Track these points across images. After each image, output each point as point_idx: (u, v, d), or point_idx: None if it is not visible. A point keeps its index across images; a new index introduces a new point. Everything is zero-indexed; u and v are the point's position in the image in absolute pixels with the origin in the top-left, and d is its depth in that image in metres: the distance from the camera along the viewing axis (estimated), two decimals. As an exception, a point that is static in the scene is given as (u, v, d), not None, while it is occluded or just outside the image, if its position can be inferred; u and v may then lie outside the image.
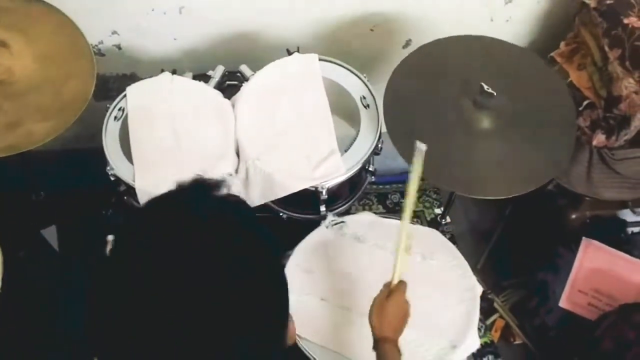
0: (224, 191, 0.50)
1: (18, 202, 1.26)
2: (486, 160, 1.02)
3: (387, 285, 0.88)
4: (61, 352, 1.11)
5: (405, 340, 1.01)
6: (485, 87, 1.02)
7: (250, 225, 0.50)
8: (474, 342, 0.98)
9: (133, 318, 0.43)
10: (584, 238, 1.36)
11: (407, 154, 1.02)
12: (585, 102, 1.24)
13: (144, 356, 0.44)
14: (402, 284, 0.88)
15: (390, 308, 0.85)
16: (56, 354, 1.12)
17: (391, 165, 1.54)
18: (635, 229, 1.48)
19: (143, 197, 1.04)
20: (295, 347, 0.98)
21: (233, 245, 0.46)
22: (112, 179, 1.06)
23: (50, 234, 1.30)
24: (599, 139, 1.23)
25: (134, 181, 1.04)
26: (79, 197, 1.29)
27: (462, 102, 1.06)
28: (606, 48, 1.19)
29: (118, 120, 1.12)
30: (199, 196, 0.49)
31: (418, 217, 1.57)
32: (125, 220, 0.51)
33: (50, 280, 1.22)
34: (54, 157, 1.23)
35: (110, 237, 1.00)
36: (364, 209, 1.51)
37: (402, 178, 1.64)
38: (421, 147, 0.88)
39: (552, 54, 1.31)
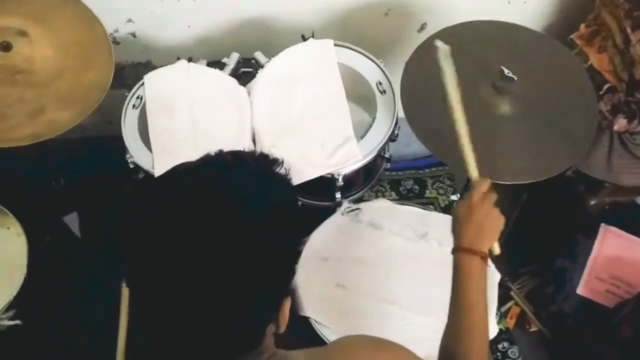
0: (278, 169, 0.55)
1: (38, 190, 1.28)
2: (506, 146, 1.01)
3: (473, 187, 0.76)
4: (86, 336, 1.14)
5: (422, 327, 1.02)
6: (506, 71, 1.00)
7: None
8: (491, 329, 0.98)
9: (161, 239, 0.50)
10: (602, 224, 1.34)
11: (425, 139, 1.02)
12: (606, 86, 1.21)
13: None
14: (485, 182, 0.76)
15: (475, 212, 0.72)
16: (81, 337, 1.15)
17: (404, 151, 1.53)
18: (656, 216, 1.45)
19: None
20: (313, 333, 1.00)
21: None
22: (132, 166, 1.07)
23: (72, 220, 1.33)
24: (620, 123, 1.20)
25: (152, 168, 1.05)
26: (99, 184, 1.31)
27: (481, 86, 1.05)
28: (628, 30, 1.16)
29: (136, 108, 1.13)
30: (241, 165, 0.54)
31: (432, 204, 1.56)
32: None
33: (74, 265, 1.25)
34: (72, 145, 1.24)
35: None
36: (377, 196, 1.50)
37: (415, 164, 1.62)
38: (441, 45, 0.81)
39: (571, 37, 1.28)
